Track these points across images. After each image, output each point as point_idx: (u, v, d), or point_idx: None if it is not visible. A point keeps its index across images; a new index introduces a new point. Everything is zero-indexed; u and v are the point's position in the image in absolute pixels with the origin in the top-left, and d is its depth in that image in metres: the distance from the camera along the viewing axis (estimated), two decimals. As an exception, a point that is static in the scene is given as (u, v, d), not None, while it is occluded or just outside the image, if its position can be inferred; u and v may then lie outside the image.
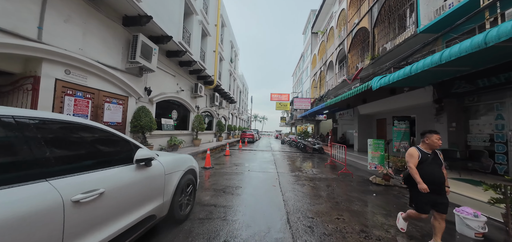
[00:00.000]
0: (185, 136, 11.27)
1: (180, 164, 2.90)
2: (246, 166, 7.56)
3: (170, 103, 9.93)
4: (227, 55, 18.18)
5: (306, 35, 27.55)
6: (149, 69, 7.09)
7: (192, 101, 11.94)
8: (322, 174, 6.62)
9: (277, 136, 40.64)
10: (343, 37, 13.62)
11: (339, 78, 14.78)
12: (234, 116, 27.14)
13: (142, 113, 6.77)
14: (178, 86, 10.09)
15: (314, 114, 17.46)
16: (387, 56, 8.38)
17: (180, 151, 9.09)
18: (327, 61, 16.81)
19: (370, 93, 8.18)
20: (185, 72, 11.00)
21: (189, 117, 11.80)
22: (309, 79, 24.01)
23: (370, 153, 6.07)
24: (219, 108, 17.91)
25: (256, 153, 12.40)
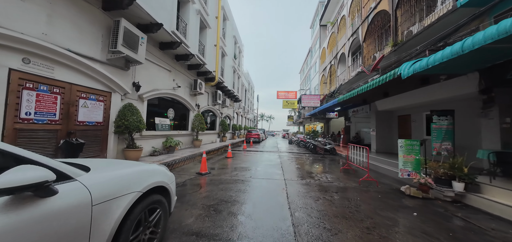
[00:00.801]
0: (184, 136, 10.40)
1: (134, 182, 1.89)
2: (249, 171, 6.52)
3: (166, 101, 9.07)
4: (230, 51, 17.22)
5: (314, 28, 26.12)
6: (136, 61, 6.20)
7: (192, 99, 11.06)
8: (338, 182, 5.45)
9: (284, 135, 39.36)
10: (357, 26, 12.25)
11: (352, 71, 13.40)
12: (239, 115, 26.20)
13: (129, 111, 5.89)
14: (174, 83, 9.21)
15: (324, 112, 16.14)
16: (414, 40, 7.03)
17: (177, 153, 8.19)
18: (338, 54, 15.43)
19: (394, 85, 6.87)
20: (183, 68, 10.11)
21: (189, 117, 10.92)
22: (318, 75, 22.61)
23: (402, 156, 4.84)
24: (222, 107, 16.99)
25: (262, 154, 11.34)
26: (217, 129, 16.09)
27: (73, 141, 4.46)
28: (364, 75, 11.11)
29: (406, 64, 5.14)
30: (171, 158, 6.97)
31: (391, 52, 8.12)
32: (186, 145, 10.56)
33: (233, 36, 18.32)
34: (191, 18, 9.41)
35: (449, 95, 6.28)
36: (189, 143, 10.87)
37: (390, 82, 5.96)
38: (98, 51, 5.41)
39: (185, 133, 10.45)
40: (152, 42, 7.65)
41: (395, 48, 7.99)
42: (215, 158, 9.39)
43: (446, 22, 5.78)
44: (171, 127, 9.11)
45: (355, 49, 13.64)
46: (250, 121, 39.50)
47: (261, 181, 5.34)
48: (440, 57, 4.10)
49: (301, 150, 14.89)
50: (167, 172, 2.52)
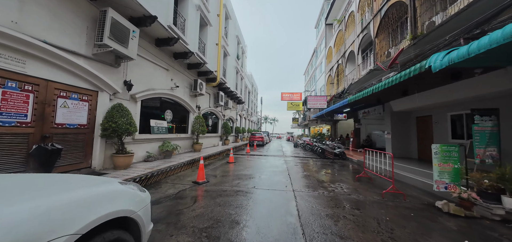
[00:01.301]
0: (184, 140, 9.75)
1: (66, 218, 1.18)
2: (252, 179, 5.77)
3: (163, 102, 8.46)
4: (232, 51, 16.64)
5: (319, 28, 25.36)
6: (127, 57, 5.60)
7: (192, 100, 10.44)
8: (357, 194, 4.64)
9: (289, 138, 38.45)
10: (367, 21, 11.44)
11: (362, 70, 12.56)
12: (242, 118, 25.53)
13: (118, 112, 5.26)
14: (172, 82, 8.60)
15: (331, 114, 15.27)
16: (437, 32, 6.22)
17: (174, 159, 7.53)
18: (346, 52, 14.61)
19: (417, 82, 6.05)
20: (182, 67, 9.51)
21: (188, 119, 10.29)
22: (324, 76, 21.76)
23: (437, 165, 4.00)
24: (225, 109, 16.35)
25: (266, 159, 10.57)
26: (219, 132, 15.42)
27: (48, 147, 3.83)
28: (376, 74, 10.26)
29: (436, 56, 4.34)
30: (167, 164, 6.30)
31: (410, 46, 7.29)
32: (186, 149, 9.91)
33: (235, 36, 17.76)
34: (190, 13, 8.83)
35: (480, 93, 5.40)
36: (188, 147, 10.21)
37: (412, 78, 5.18)
38: (82, 44, 4.82)
39: (185, 136, 9.80)
40: (147, 38, 7.08)
41: (414, 41, 7.16)
42: (216, 163, 8.68)
43: (478, 7, 4.96)
44: (169, 129, 8.48)
45: (366, 46, 12.80)
46: (254, 124, 38.79)
47: (266, 193, 4.58)
48: (487, 43, 3.30)
49: (307, 153, 14.04)
50: (136, 194, 1.80)
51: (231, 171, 7.08)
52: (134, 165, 5.96)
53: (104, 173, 4.90)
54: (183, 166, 6.91)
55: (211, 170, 7.04)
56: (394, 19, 9.20)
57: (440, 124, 7.74)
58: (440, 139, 7.77)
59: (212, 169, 7.21)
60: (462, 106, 6.84)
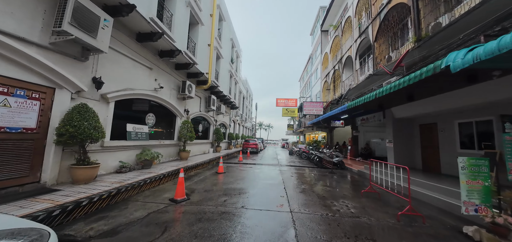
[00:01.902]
0: (168, 147, 8.79)
1: None
2: (242, 196, 4.91)
3: (145, 105, 7.55)
4: (226, 54, 15.98)
5: (315, 35, 25.26)
6: (96, 49, 4.74)
7: (179, 103, 9.56)
8: (367, 216, 3.87)
9: (284, 145, 37.76)
10: (365, 25, 11.08)
11: (360, 75, 12.13)
12: (236, 123, 24.67)
13: (80, 114, 4.35)
14: (156, 83, 7.73)
15: (328, 120, 14.70)
16: (445, 32, 5.74)
17: (154, 169, 6.57)
18: (343, 58, 14.23)
19: (425, 85, 5.48)
20: (169, 66, 8.68)
21: (175, 124, 9.37)
22: (320, 82, 21.39)
23: (465, 182, 3.31)
24: (217, 114, 15.49)
25: (260, 168, 9.72)
26: (211, 138, 14.49)
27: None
28: (376, 79, 9.78)
29: (455, 54, 3.76)
30: (142, 176, 5.35)
31: (414, 48, 6.80)
32: (170, 157, 8.93)
33: (230, 39, 17.16)
34: (179, 8, 8.10)
35: (494, 99, 4.86)
36: (174, 155, 9.24)
37: (421, 82, 4.62)
38: (35, 31, 3.94)
39: (170, 143, 8.84)
40: (126, 32, 6.25)
41: (419, 43, 6.68)
42: (204, 173, 7.76)
43: (491, 5, 4.48)
44: (150, 135, 7.54)
45: (363, 51, 12.43)
46: (248, 130, 37.94)
47: (258, 216, 3.74)
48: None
49: (303, 162, 13.28)
50: None
51: (219, 183, 6.19)
52: (101, 178, 4.99)
53: (57, 189, 3.93)
54: (163, 178, 5.97)
55: (196, 183, 6.13)
56: (394, 22, 8.80)
57: (447, 132, 7.20)
58: (447, 148, 7.20)
59: (198, 181, 6.30)
60: (472, 113, 6.31)
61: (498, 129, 5.48)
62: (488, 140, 5.81)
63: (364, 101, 7.15)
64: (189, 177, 6.89)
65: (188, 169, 7.64)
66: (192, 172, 7.86)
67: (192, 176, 7.16)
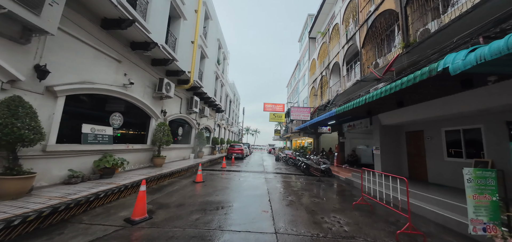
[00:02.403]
0: (139, 152, 7.73)
1: None
2: (219, 212, 4.15)
3: (110, 102, 6.51)
4: (212, 55, 15.21)
5: (303, 42, 25.52)
6: (40, 30, 3.78)
7: (155, 103, 8.56)
8: (364, 236, 3.33)
9: (270, 150, 37.32)
10: (352, 32, 11.08)
11: (347, 81, 12.07)
12: (221, 127, 23.70)
13: (8, 110, 3.34)
14: (125, 78, 6.75)
15: (315, 126, 14.47)
16: (433, 39, 5.64)
17: (116, 178, 5.54)
18: (331, 64, 14.21)
19: (416, 91, 5.26)
20: (143, 61, 7.73)
21: (149, 126, 8.33)
22: (307, 88, 21.40)
23: (471, 197, 2.91)
24: (200, 117, 14.53)
25: (244, 176, 8.97)
26: (192, 143, 13.45)
27: None
28: (363, 85, 9.67)
29: (453, 56, 3.45)
30: (96, 189, 4.36)
31: (403, 54, 6.68)
32: (141, 164, 7.85)
33: (217, 39, 16.46)
34: (156, -3, 7.27)
35: (483, 107, 4.74)
36: (146, 161, 8.16)
37: (412, 86, 4.38)
38: None
39: (141, 148, 7.79)
40: (88, 15, 5.29)
41: (407, 49, 6.56)
42: (179, 182, 6.83)
43: (486, 9, 4.37)
44: (115, 138, 6.49)
45: (350, 58, 12.45)
46: (235, 134, 37.00)
47: (236, 240, 3.02)
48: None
49: (290, 169, 12.78)
50: None
51: (195, 195, 5.35)
52: (39, 191, 3.93)
53: (-41, 209, 2.87)
54: (125, 190, 4.99)
55: (168, 195, 5.23)
56: (382, 29, 8.77)
57: (434, 139, 7.11)
58: (434, 156, 7.10)
59: (170, 193, 5.40)
60: (460, 121, 6.24)
61: (487, 137, 5.39)
62: (477, 148, 5.71)
63: (353, 106, 6.83)
64: (161, 188, 5.95)
65: (161, 177, 6.67)
66: (166, 181, 6.89)
67: (164, 186, 6.21)
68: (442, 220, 4.24)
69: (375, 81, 9.39)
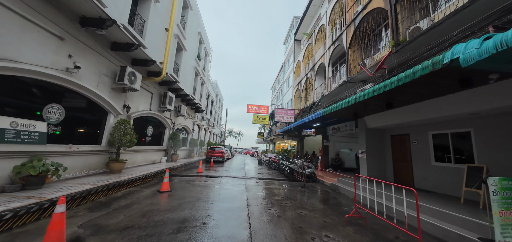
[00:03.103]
0: (89, 155, 6.27)
1: None
2: (179, 238, 3.10)
3: (45, 91, 5.06)
4: (192, 48, 13.94)
5: (288, 44, 25.35)
6: None
7: (114, 95, 7.14)
8: (367, 265, 2.58)
9: (253, 153, 36.46)
10: (339, 33, 10.82)
11: (333, 83, 11.78)
12: (201, 129, 22.20)
13: None
14: (70, 61, 5.34)
15: (300, 129, 13.99)
16: (424, 37, 5.35)
17: (48, 188, 4.15)
18: (316, 66, 13.91)
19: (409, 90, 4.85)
20: (99, 43, 6.33)
21: (105, 123, 6.88)
22: (292, 90, 21.08)
23: (497, 214, 2.33)
24: (176, 116, 13.11)
25: (221, 183, 7.92)
26: (165, 144, 11.97)
27: None
28: (350, 86, 9.36)
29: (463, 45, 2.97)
30: (2, 207, 3.01)
31: (393, 53, 6.34)
32: (92, 169, 6.38)
33: (198, 32, 15.22)
34: (117, -33, 5.99)
35: (475, 109, 4.46)
36: (100, 166, 6.69)
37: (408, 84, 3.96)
38: None
39: (92, 149, 6.33)
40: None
41: (396, 49, 6.23)
42: (140, 193, 5.57)
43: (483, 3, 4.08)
44: (51, 137, 5.04)
45: (336, 60, 12.21)
46: (217, 137, 35.45)
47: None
48: None
49: (273, 173, 12.02)
50: None
51: (153, 211, 4.20)
52: None
53: None
54: (51, 207, 3.67)
55: (116, 211, 4.01)
56: (370, 29, 8.52)
57: (421, 144, 6.89)
58: (420, 161, 6.86)
59: (117, 210, 4.17)
60: (448, 124, 6.03)
61: (477, 141, 5.15)
62: (466, 152, 5.48)
63: (342, 106, 6.29)
64: (110, 202, 4.66)
65: (114, 187, 5.35)
66: (121, 191, 5.56)
67: (116, 199, 4.92)
68: (442, 233, 3.74)
69: (361, 82, 9.12)
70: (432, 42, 5.25)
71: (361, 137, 8.84)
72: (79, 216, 3.69)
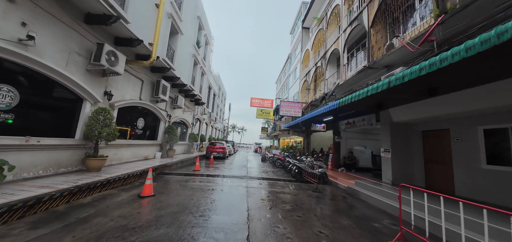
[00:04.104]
0: (58, 150, 5.20)
1: None
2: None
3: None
4: (189, 33, 12.69)
5: (295, 33, 23.74)
6: None
7: (90, 79, 6.01)
8: None
9: (256, 149, 35.33)
10: (357, 12, 9.32)
11: (348, 71, 10.33)
12: (202, 123, 21.14)
13: None
14: (23, 30, 4.20)
15: (308, 123, 12.68)
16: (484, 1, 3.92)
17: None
18: (328, 53, 12.45)
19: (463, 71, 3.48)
20: (67, 13, 5.16)
21: (80, 112, 5.78)
22: (298, 82, 19.64)
23: None
24: (172, 108, 12.00)
25: (219, 184, 6.78)
26: (160, 138, 10.91)
27: None
28: (371, 72, 7.96)
29: None
30: None
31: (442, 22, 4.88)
32: (61, 167, 5.31)
33: (196, 16, 13.93)
34: None
35: None
36: (74, 163, 5.63)
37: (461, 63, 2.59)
38: None
39: (62, 143, 5.24)
40: None
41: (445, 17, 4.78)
42: (113, 198, 4.46)
43: None
44: (8, 124, 3.95)
45: (353, 44, 10.75)
46: (219, 132, 34.44)
47: None
48: None
49: (278, 172, 10.82)
50: None
51: (118, 228, 3.06)
52: None
53: None
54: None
55: (62, 231, 2.90)
56: (397, 4, 7.05)
57: (466, 141, 5.51)
58: (464, 163, 5.49)
59: (67, 227, 3.04)
60: (508, 116, 4.63)
61: None
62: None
63: (367, 94, 4.99)
64: (70, 211, 3.56)
65: (83, 190, 4.25)
66: (90, 196, 4.46)
67: (81, 206, 3.82)
68: None
69: (385, 68, 7.70)
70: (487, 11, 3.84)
71: (384, 133, 7.49)
72: (10, 237, 2.60)
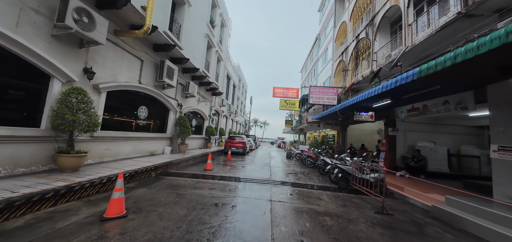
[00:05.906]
0: (12, 143, 3.84)
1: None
2: None
3: None
4: (200, 7, 10.86)
5: (325, 9, 20.33)
6: None
7: (58, 49, 4.53)
8: None
9: (280, 144, 32.95)
10: None
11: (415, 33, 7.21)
12: (221, 115, 19.65)
13: None
14: None
15: (348, 112, 9.86)
16: None
17: None
18: (377, 17, 9.35)
19: None
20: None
21: (47, 94, 4.36)
22: (331, 65, 16.52)
23: None
24: (185, 96, 10.50)
25: (232, 192, 4.80)
26: (169, 131, 9.49)
27: None
28: (469, 25, 4.94)
29: None
30: None
31: None
32: (21, 166, 3.93)
33: (210, -8, 12.08)
34: None
35: None
36: (41, 161, 4.25)
37: None
38: None
39: (15, 134, 3.85)
40: None
41: None
42: (60, 221, 2.81)
43: None
44: None
45: (420, -4, 7.55)
46: (241, 125, 32.99)
47: None
48: None
49: (310, 174, 8.44)
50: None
51: None
52: None
53: None
54: None
55: None
56: None
57: None
58: None
59: None
60: None
61: None
62: None
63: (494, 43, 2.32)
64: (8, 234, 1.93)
65: (23, 206, 2.66)
66: (30, 214, 2.86)
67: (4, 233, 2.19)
68: None
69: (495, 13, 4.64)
70: None
71: (495, 119, 4.52)
72: None
